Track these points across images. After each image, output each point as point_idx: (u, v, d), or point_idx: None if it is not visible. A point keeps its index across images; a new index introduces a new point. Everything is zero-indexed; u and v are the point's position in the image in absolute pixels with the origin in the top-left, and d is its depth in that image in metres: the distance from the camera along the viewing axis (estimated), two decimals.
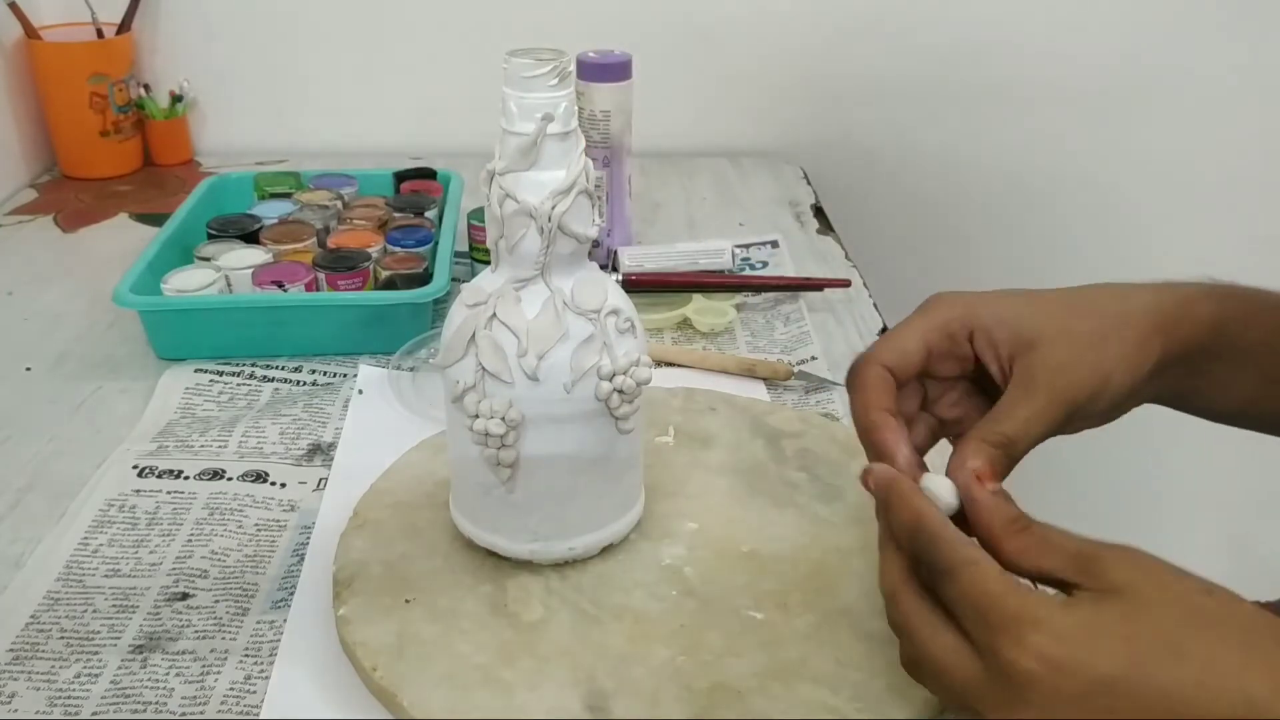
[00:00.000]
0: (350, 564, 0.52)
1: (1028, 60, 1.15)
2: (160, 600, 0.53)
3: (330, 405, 0.69)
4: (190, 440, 0.65)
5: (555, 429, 0.47)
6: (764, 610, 0.49)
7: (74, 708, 0.46)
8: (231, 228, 0.83)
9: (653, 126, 0.95)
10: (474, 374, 0.47)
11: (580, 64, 0.83)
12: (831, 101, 1.18)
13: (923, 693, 0.45)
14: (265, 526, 0.58)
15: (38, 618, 0.52)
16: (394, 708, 0.45)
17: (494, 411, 0.46)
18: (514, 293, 0.47)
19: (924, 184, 1.21)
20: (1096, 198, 1.21)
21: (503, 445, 0.47)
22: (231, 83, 1.15)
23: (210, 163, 1.13)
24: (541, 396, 0.47)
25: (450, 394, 0.48)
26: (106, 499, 0.60)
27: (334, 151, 1.12)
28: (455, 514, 0.53)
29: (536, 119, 0.45)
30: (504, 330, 0.46)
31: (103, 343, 0.77)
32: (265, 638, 0.50)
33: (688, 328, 0.80)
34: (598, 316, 0.47)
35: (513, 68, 0.44)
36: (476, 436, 0.47)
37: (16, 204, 1.02)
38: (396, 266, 0.78)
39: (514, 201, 0.46)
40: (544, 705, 0.44)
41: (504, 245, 0.47)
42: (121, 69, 1.08)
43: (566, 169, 0.46)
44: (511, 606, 0.49)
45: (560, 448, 0.48)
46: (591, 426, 0.48)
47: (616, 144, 0.85)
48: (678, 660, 0.46)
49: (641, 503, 0.54)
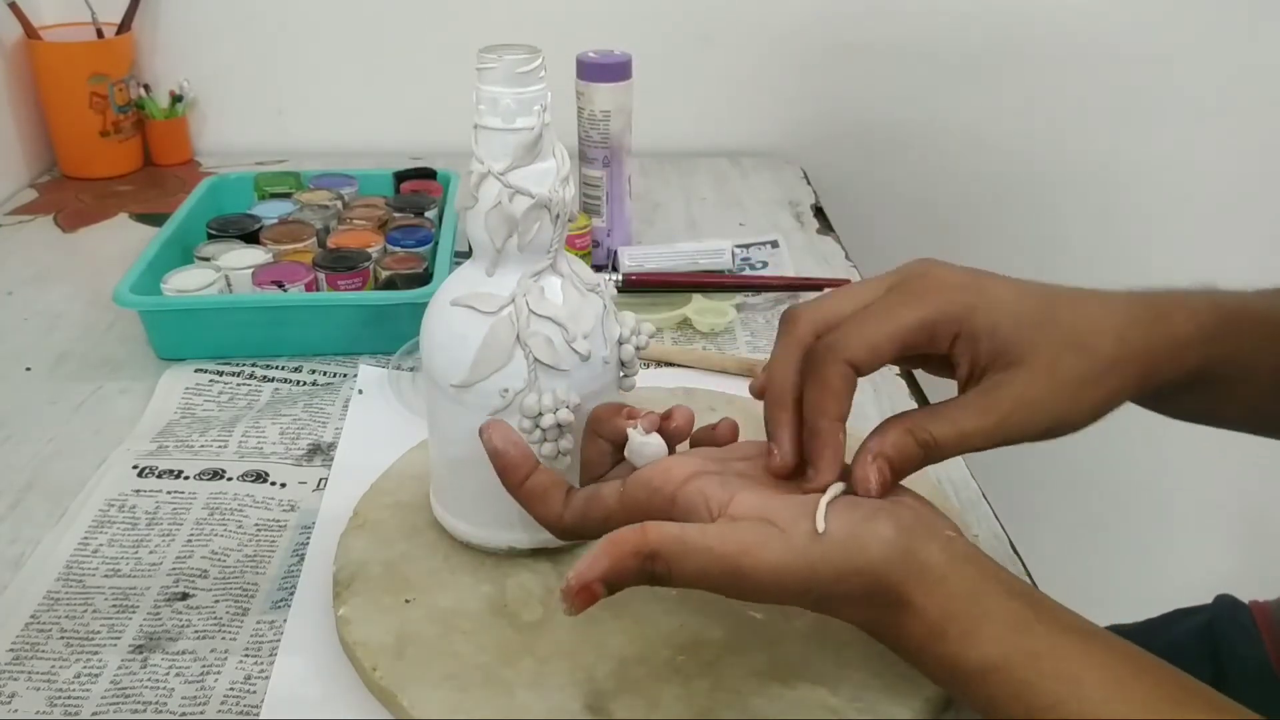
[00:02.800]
0: (350, 564, 0.52)
1: (1029, 62, 1.15)
2: (160, 600, 0.53)
3: (330, 405, 0.69)
4: (190, 440, 0.65)
5: (594, 402, 0.49)
6: (764, 610, 0.49)
7: (74, 708, 0.46)
8: (231, 228, 0.83)
9: (653, 126, 0.95)
10: (525, 375, 0.47)
11: (580, 64, 0.83)
12: (831, 101, 1.18)
13: (923, 693, 0.45)
14: (265, 526, 0.58)
15: (38, 618, 0.51)
16: (394, 708, 0.45)
17: (558, 403, 0.47)
18: (536, 285, 0.48)
19: (924, 184, 1.21)
20: (1098, 198, 1.21)
21: (561, 434, 0.48)
22: (231, 83, 1.15)
23: (210, 163, 1.13)
24: (590, 375, 0.48)
25: (493, 407, 0.48)
26: (106, 499, 0.60)
27: (334, 151, 1.12)
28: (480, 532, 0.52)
29: (536, 111, 0.45)
30: (546, 323, 0.47)
31: (103, 343, 0.77)
32: (265, 638, 0.50)
33: (688, 328, 0.80)
34: (599, 287, 0.50)
35: (505, 65, 0.45)
36: (540, 434, 0.48)
37: (16, 204, 1.02)
38: (396, 266, 0.78)
39: (526, 197, 0.46)
40: (544, 705, 0.44)
41: (514, 243, 0.47)
42: (121, 69, 1.08)
43: (555, 157, 0.47)
44: (511, 606, 0.49)
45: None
46: (609, 391, 0.51)
47: (616, 144, 0.85)
48: (678, 660, 0.46)
49: None
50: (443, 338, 0.49)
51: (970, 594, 0.39)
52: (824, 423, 0.43)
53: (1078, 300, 0.46)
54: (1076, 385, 0.44)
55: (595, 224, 0.88)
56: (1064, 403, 0.43)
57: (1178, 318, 0.47)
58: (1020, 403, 0.43)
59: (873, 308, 0.44)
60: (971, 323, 0.44)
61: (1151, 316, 0.46)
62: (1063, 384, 0.43)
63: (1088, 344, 0.44)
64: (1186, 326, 0.46)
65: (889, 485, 0.42)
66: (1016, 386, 0.43)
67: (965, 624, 0.38)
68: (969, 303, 0.44)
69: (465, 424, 0.49)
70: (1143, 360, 0.45)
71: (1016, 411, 0.43)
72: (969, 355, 0.44)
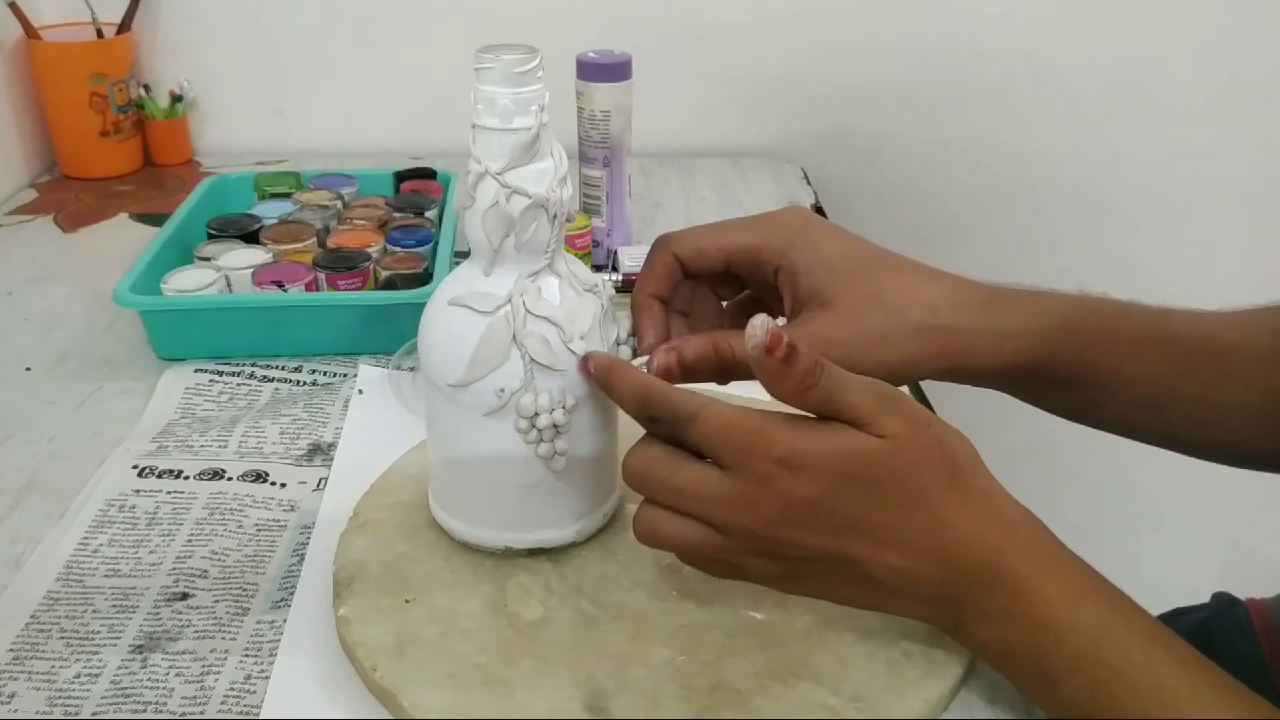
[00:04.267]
0: (350, 564, 0.52)
1: (1028, 61, 1.15)
2: (160, 600, 0.53)
3: (330, 405, 0.69)
4: (190, 440, 0.65)
5: (591, 403, 0.49)
6: (764, 610, 0.49)
7: (74, 708, 0.46)
8: (231, 228, 0.83)
9: (653, 126, 0.95)
10: (521, 375, 0.47)
11: (580, 64, 0.83)
12: (831, 101, 1.18)
13: (922, 693, 0.45)
14: (265, 526, 0.58)
15: (38, 618, 0.51)
16: (394, 708, 0.45)
17: (554, 403, 0.47)
18: (533, 285, 0.48)
19: (924, 184, 1.21)
20: (1096, 197, 1.21)
21: (557, 435, 0.48)
22: (231, 83, 1.15)
23: (210, 163, 1.13)
24: (586, 375, 0.48)
25: (489, 407, 0.48)
26: (106, 499, 0.60)
27: (334, 151, 1.12)
28: (477, 531, 0.52)
29: (533, 111, 0.45)
30: (543, 323, 0.47)
31: (103, 343, 0.77)
32: (265, 638, 0.50)
33: None
34: (597, 288, 0.50)
35: (502, 65, 0.45)
36: (536, 434, 0.48)
37: (16, 204, 1.02)
38: (396, 266, 0.78)
39: (524, 197, 0.46)
40: (544, 705, 0.44)
41: (512, 243, 0.47)
42: (121, 69, 1.08)
43: (553, 157, 0.47)
44: (511, 606, 0.49)
45: (595, 416, 0.50)
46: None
47: (616, 144, 0.85)
48: (678, 660, 0.46)
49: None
50: (440, 337, 0.49)
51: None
52: (640, 296, 0.50)
53: (903, 267, 0.50)
54: (874, 339, 0.47)
55: (595, 224, 0.88)
56: (859, 353, 0.47)
57: (1013, 310, 0.50)
58: (817, 339, 0.46)
59: (714, 223, 0.51)
60: (790, 258, 0.49)
61: (981, 301, 0.49)
62: (860, 334, 0.47)
63: (894, 306, 0.48)
64: (1015, 318, 0.49)
65: (673, 373, 0.46)
66: (818, 324, 0.47)
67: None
68: (793, 241, 0.49)
69: (462, 424, 0.49)
70: (951, 336, 0.48)
71: (814, 348, 0.45)
72: (790, 289, 0.49)
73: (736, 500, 0.41)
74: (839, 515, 0.41)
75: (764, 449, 0.40)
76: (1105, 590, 0.42)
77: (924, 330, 0.48)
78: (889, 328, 0.48)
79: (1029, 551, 0.42)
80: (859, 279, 0.48)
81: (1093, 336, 0.51)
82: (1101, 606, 0.41)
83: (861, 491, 0.41)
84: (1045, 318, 0.50)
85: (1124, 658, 0.39)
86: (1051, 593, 0.41)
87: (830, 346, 0.46)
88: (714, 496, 0.42)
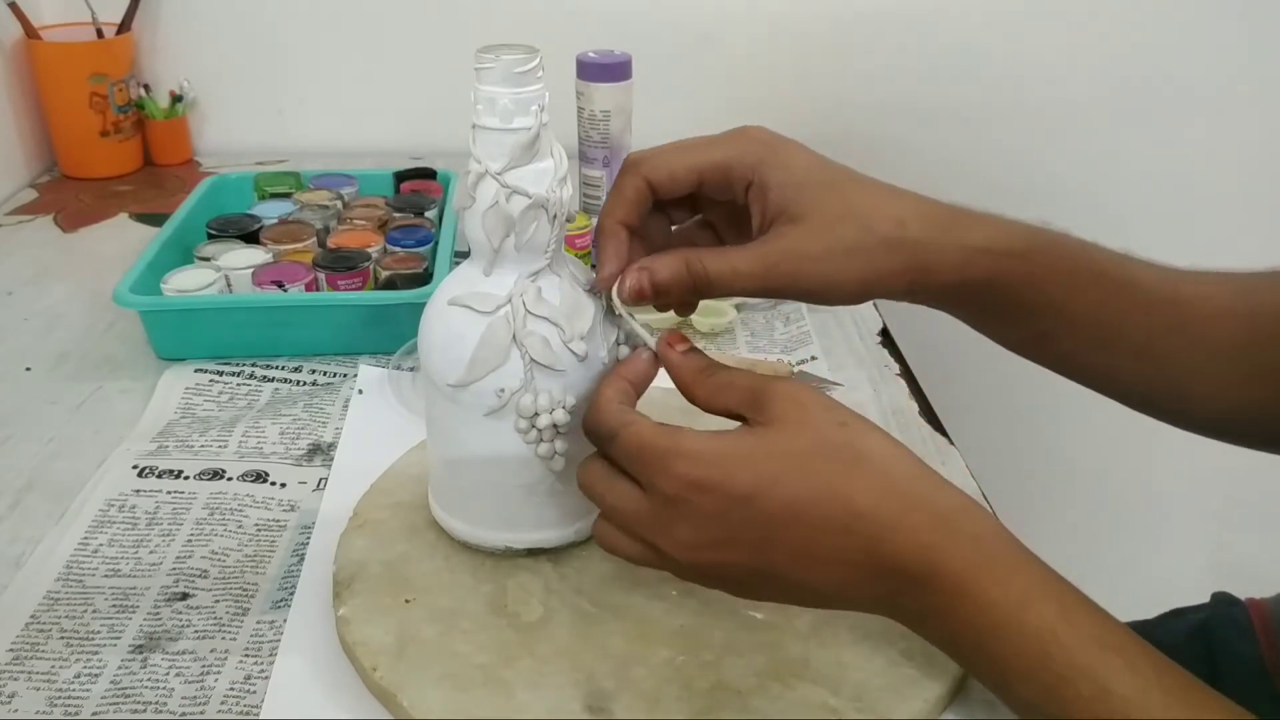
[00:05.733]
0: (350, 564, 0.52)
1: (1026, 63, 1.15)
2: (160, 600, 0.53)
3: (330, 405, 0.69)
4: (190, 440, 0.65)
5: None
6: (764, 610, 0.49)
7: (74, 708, 0.46)
8: (231, 228, 0.83)
9: (653, 126, 0.95)
10: (521, 375, 0.47)
11: (580, 64, 0.83)
12: (831, 102, 1.18)
13: (923, 693, 0.45)
14: (265, 526, 0.58)
15: (38, 618, 0.51)
16: (394, 708, 0.45)
17: (554, 403, 0.47)
18: (533, 285, 0.48)
19: (923, 184, 1.20)
20: (1093, 201, 1.21)
21: (557, 435, 0.48)
22: (231, 83, 1.15)
23: (210, 163, 1.13)
24: (587, 376, 0.48)
25: (488, 406, 0.48)
26: (106, 499, 0.60)
27: (334, 151, 1.12)
28: (476, 531, 0.52)
29: (533, 111, 0.45)
30: (543, 323, 0.47)
31: (103, 343, 0.77)
32: (265, 638, 0.50)
33: (688, 328, 0.80)
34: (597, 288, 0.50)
35: (502, 65, 0.45)
36: (536, 435, 0.48)
37: (16, 204, 1.02)
38: (396, 266, 0.78)
39: (523, 196, 0.46)
40: (544, 705, 0.44)
41: (512, 243, 0.47)
42: (121, 69, 1.08)
43: (553, 157, 0.47)
44: (511, 606, 0.49)
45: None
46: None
47: (616, 144, 0.85)
48: (678, 660, 0.47)
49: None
50: (440, 337, 0.49)
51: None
52: (608, 222, 0.48)
53: (870, 184, 0.50)
54: (845, 253, 0.47)
55: (595, 224, 0.88)
56: (830, 266, 0.47)
57: (975, 228, 0.50)
58: (789, 254, 0.47)
59: (683, 142, 0.49)
60: (762, 173, 0.48)
61: (946, 219, 0.49)
62: (831, 248, 0.47)
63: (864, 219, 0.48)
64: (978, 235, 0.49)
65: (645, 294, 0.47)
66: (789, 239, 0.47)
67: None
68: (763, 156, 0.48)
69: (462, 424, 0.49)
70: (917, 251, 0.48)
71: (785, 262, 0.46)
72: (760, 205, 0.48)
73: (655, 523, 0.42)
74: (752, 529, 0.41)
75: (671, 471, 0.41)
76: (1055, 590, 0.40)
77: (892, 243, 0.48)
78: (859, 241, 0.47)
79: (966, 549, 0.40)
80: (829, 193, 0.48)
81: (1053, 264, 0.51)
82: (1049, 609, 0.39)
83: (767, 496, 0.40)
84: (1009, 240, 0.50)
85: (1070, 664, 0.38)
86: (995, 595, 0.39)
87: (802, 260, 0.46)
88: (637, 518, 0.43)
